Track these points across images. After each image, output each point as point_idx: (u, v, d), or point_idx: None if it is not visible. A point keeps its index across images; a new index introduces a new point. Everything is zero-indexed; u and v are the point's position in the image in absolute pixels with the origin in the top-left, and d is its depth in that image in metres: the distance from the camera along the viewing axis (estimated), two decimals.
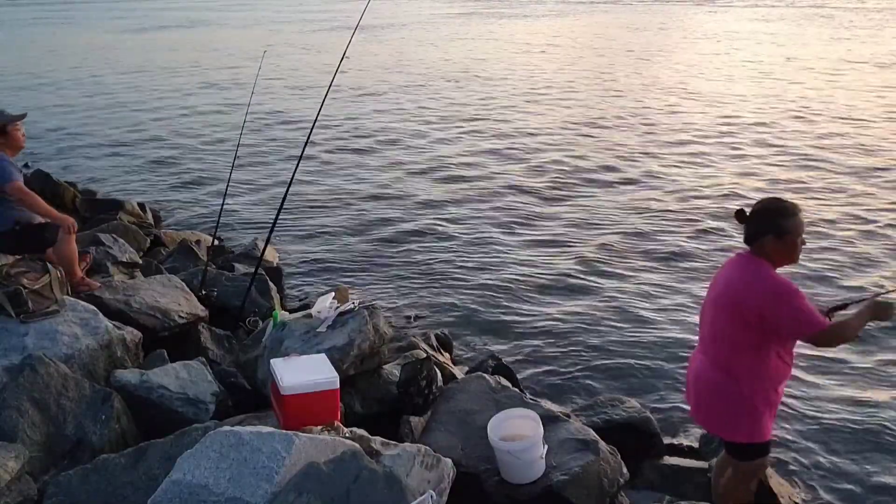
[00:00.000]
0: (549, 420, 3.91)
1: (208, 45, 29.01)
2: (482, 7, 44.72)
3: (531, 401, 4.29)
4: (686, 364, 3.62)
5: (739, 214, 3.20)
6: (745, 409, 3.15)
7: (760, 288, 3.04)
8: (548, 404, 4.35)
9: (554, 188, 10.20)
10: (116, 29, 37.01)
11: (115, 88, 19.68)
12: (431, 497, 3.02)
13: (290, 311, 5.50)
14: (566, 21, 35.98)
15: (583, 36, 29.45)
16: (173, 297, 5.25)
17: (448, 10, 43.14)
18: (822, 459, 4.61)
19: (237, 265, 6.98)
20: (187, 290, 5.46)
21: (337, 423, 3.51)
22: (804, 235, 3.14)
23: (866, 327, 3.19)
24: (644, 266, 7.57)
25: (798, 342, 3.18)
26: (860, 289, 6.67)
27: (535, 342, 6.14)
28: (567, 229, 8.59)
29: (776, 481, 4.08)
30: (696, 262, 7.61)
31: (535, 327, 6.39)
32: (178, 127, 14.97)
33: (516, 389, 4.51)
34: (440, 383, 4.48)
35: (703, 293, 3.44)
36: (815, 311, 3.04)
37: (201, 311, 5.32)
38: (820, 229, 8.23)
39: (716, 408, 3.25)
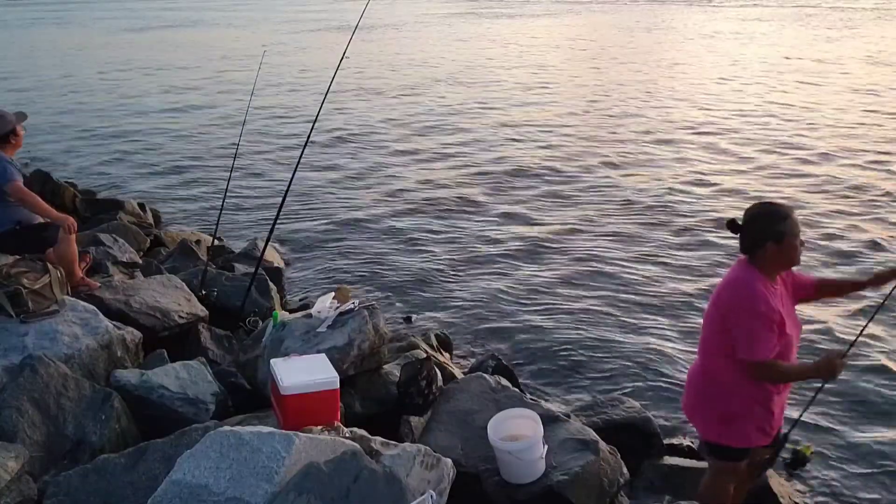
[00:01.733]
0: (549, 420, 3.91)
1: (208, 45, 29.00)
2: (479, 7, 44.73)
3: (531, 401, 4.29)
4: (687, 365, 3.62)
5: (731, 224, 3.10)
6: (718, 410, 3.17)
7: (736, 297, 3.01)
8: (548, 404, 4.36)
9: (554, 188, 10.19)
10: (116, 28, 37.00)
11: (115, 88, 19.66)
12: (431, 497, 3.02)
13: (290, 311, 5.50)
14: (562, 21, 35.97)
15: (578, 36, 29.44)
16: (173, 297, 5.25)
17: (447, 11, 43.13)
18: (821, 459, 4.62)
19: (237, 265, 6.97)
20: (187, 290, 5.46)
21: (337, 423, 3.51)
22: (801, 237, 3.05)
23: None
24: (645, 267, 7.56)
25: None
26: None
27: (536, 342, 6.14)
28: (567, 232, 8.58)
29: (776, 481, 4.08)
30: (698, 264, 7.61)
31: (536, 328, 6.39)
32: (178, 126, 14.96)
33: (516, 389, 4.51)
34: (440, 383, 4.48)
35: (705, 295, 3.44)
36: (766, 341, 2.93)
37: (201, 311, 5.32)
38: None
39: (695, 404, 3.32)
